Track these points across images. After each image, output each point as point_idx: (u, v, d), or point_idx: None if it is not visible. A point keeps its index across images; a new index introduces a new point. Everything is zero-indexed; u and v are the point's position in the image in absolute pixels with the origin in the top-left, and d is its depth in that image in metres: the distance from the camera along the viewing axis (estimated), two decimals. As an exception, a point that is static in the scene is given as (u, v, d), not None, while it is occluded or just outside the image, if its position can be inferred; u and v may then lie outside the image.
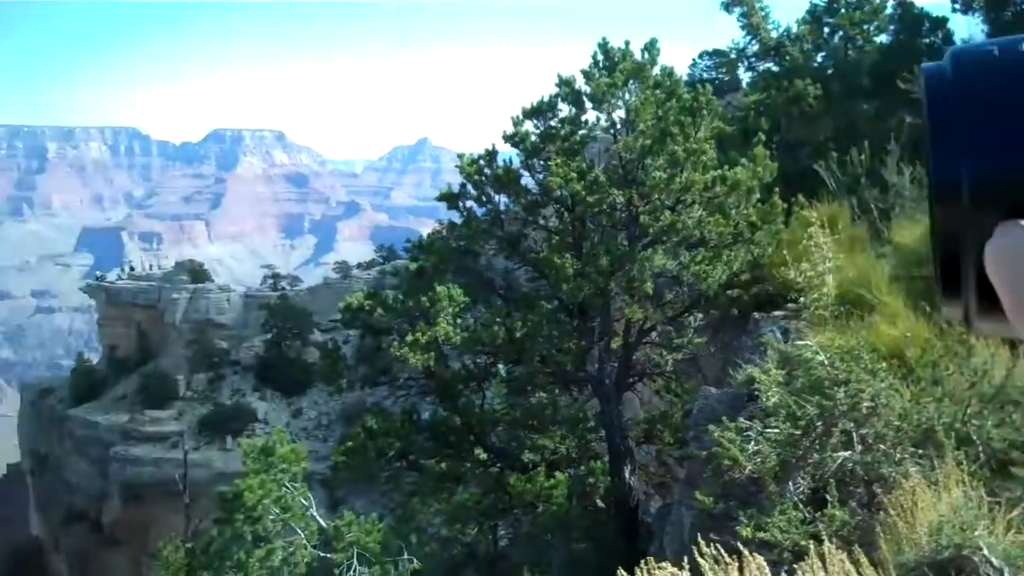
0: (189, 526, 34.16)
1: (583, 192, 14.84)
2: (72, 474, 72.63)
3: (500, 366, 17.37)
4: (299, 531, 15.23)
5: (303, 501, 15.64)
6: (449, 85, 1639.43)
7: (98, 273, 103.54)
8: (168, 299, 75.75)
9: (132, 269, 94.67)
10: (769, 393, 8.90)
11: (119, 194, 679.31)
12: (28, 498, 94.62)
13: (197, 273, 79.75)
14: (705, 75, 30.08)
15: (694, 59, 32.08)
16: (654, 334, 17.06)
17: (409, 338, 15.60)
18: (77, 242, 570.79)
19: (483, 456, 17.94)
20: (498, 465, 17.89)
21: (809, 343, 9.05)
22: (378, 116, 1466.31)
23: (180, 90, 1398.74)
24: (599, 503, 17.13)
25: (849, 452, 8.11)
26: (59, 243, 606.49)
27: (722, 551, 6.59)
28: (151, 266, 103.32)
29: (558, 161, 15.09)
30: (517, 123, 16.06)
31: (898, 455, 7.73)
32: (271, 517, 15.00)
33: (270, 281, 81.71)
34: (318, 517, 15.82)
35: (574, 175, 14.86)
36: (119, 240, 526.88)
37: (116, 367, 78.67)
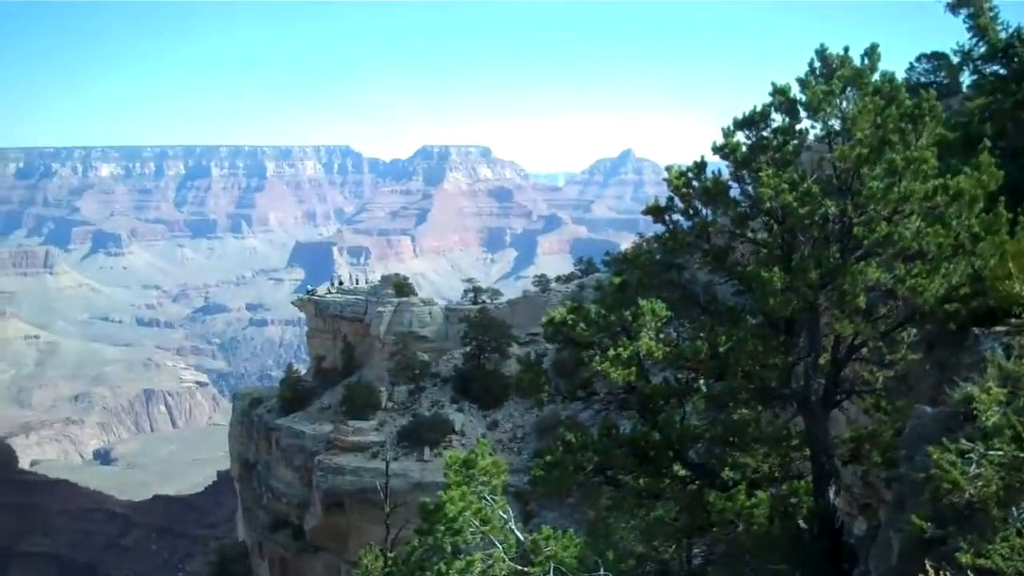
0: (388, 535, 34.84)
1: (794, 203, 14.43)
2: (277, 481, 75.30)
3: (702, 381, 17.05)
4: (498, 544, 15.27)
5: (502, 514, 15.69)
6: (654, 96, 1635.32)
7: (308, 287, 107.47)
8: (373, 312, 77.78)
9: (341, 283, 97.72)
10: (989, 413, 8.44)
11: (331, 210, 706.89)
12: (236, 504, 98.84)
13: (402, 287, 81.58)
14: (923, 79, 29.03)
15: (911, 63, 31.04)
16: (864, 350, 16.39)
17: (611, 352, 15.57)
18: (290, 257, 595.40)
19: (682, 472, 17.67)
20: (697, 482, 17.59)
21: (1037, 360, 8.53)
22: (582, 128, 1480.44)
23: (391, 109, 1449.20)
24: (801, 524, 16.62)
25: (1080, 477, 7.63)
26: (273, 258, 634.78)
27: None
28: (358, 280, 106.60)
29: (769, 172, 14.75)
30: (728, 134, 15.79)
31: None
32: (471, 529, 15.10)
33: (471, 294, 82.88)
34: (516, 530, 15.85)
35: (785, 186, 14.49)
36: (330, 255, 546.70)
37: (323, 378, 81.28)
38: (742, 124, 15.87)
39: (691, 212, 16.78)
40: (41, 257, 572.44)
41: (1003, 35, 24.63)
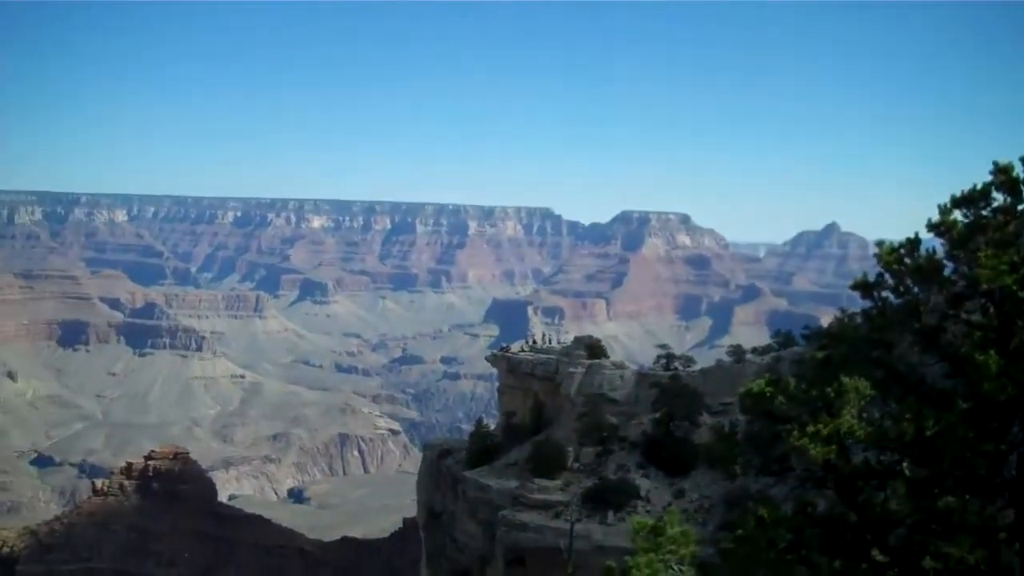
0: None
1: (1014, 287, 13.85)
2: (461, 533, 75.86)
3: (905, 464, 16.40)
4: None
5: (688, 584, 15.47)
6: (862, 170, 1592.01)
7: (502, 344, 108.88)
8: (565, 372, 77.93)
9: (534, 342, 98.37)
10: None
11: (528, 270, 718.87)
12: (421, 552, 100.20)
13: (594, 349, 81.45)
14: None
15: None
16: (1082, 441, 15.46)
17: (810, 429, 15.21)
18: (486, 314, 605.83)
19: (880, 558, 16.95)
20: (896, 569, 16.84)
21: None
22: (786, 199, 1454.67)
23: (593, 172, 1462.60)
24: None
25: None
26: (470, 314, 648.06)
27: None
28: (551, 339, 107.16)
29: (988, 253, 14.21)
30: (944, 211, 15.33)
31: None
32: (656, 597, 14.93)
33: (663, 360, 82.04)
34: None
35: (1005, 268, 13.92)
36: (525, 313, 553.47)
37: (511, 434, 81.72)
38: (960, 202, 15.38)
39: (902, 290, 16.30)
40: (252, 302, 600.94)
41: None
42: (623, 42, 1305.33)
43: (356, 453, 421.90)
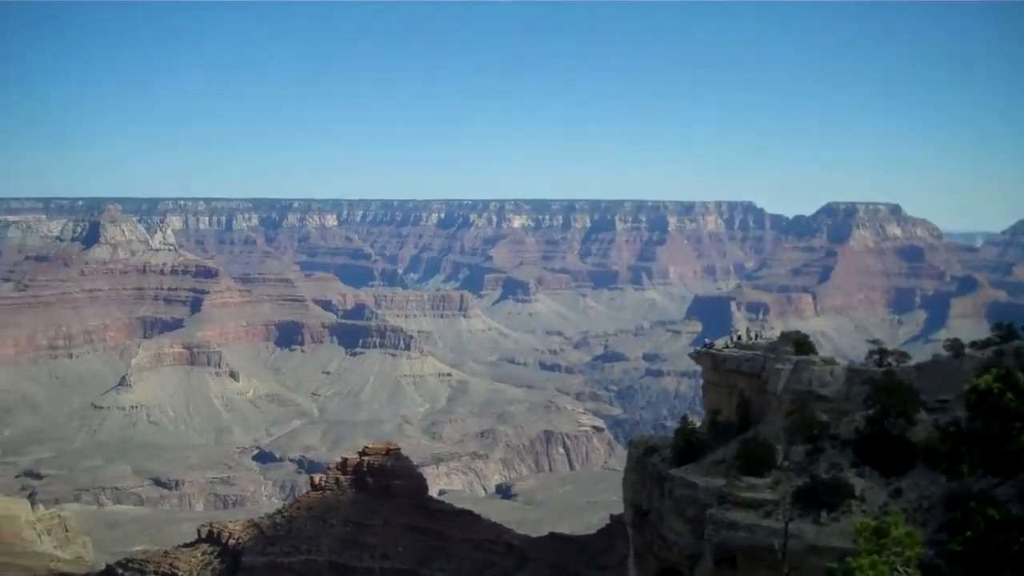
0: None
1: None
2: (668, 530, 75.05)
3: None
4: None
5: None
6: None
7: (706, 340, 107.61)
8: (771, 368, 76.28)
9: (739, 338, 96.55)
10: None
11: (730, 265, 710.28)
12: (628, 549, 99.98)
13: (801, 344, 79.36)
14: None
15: None
16: None
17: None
18: (688, 310, 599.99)
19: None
20: None
21: None
22: (1003, 186, 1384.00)
23: (796, 166, 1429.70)
24: None
25: None
26: (671, 310, 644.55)
27: None
28: (756, 335, 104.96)
29: None
30: None
31: None
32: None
33: (875, 356, 79.22)
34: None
35: None
36: (727, 309, 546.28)
37: (717, 431, 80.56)
38: None
39: None
40: (457, 301, 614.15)
41: None
42: (827, 34, 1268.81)
43: (561, 450, 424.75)
